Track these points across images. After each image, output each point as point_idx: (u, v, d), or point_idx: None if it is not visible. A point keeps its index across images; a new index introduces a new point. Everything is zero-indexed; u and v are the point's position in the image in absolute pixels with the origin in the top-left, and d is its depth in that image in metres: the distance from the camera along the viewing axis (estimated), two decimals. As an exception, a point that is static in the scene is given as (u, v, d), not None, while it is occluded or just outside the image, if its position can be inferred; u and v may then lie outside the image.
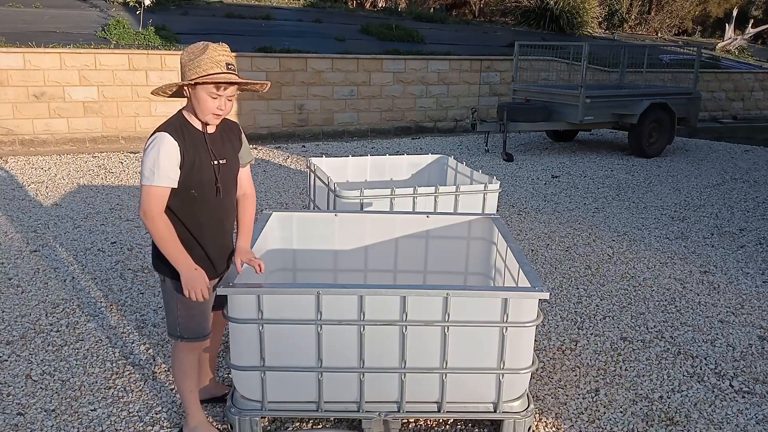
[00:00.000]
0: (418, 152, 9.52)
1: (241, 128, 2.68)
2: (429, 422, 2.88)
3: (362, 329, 2.53)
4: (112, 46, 9.83)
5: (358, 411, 2.65)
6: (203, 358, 2.85)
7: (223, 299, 2.57)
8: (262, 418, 2.73)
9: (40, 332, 3.67)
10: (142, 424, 2.85)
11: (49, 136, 9.15)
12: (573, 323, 3.96)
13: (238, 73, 2.35)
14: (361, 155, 7.74)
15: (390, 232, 3.47)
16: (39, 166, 8.01)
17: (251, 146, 9.81)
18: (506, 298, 2.50)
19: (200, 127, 2.41)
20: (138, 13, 11.34)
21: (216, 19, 12.85)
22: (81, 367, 3.30)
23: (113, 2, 12.64)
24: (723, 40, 19.12)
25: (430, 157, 5.38)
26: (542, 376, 3.32)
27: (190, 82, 2.28)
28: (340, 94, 11.05)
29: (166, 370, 3.30)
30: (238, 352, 2.59)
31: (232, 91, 2.34)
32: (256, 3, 15.88)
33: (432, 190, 4.23)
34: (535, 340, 3.57)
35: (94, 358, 3.40)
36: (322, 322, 2.52)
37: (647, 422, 2.95)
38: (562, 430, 2.89)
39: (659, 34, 22.17)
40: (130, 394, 3.08)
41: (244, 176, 2.66)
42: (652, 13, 23.07)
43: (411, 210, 4.21)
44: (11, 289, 4.25)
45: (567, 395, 3.16)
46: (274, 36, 12.01)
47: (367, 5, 20.32)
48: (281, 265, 3.48)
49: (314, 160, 4.97)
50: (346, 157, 5.20)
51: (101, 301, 4.10)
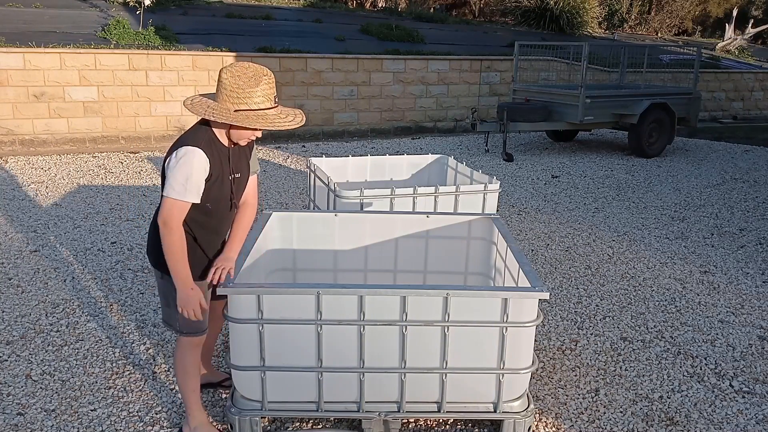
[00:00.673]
0: (418, 152, 9.53)
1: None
2: (429, 422, 2.88)
3: (362, 329, 2.53)
4: (112, 46, 9.83)
5: (358, 411, 2.65)
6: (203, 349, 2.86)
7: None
8: (262, 418, 2.73)
9: (40, 332, 3.67)
10: (142, 424, 2.85)
11: (49, 136, 9.15)
12: (573, 323, 3.96)
13: (278, 105, 2.39)
14: (361, 155, 7.74)
15: (390, 232, 3.47)
16: (39, 166, 8.01)
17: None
18: (506, 298, 2.50)
19: (227, 143, 2.45)
20: (138, 13, 11.34)
21: (216, 19, 12.85)
22: (81, 367, 3.30)
23: (113, 2, 12.64)
24: (723, 40, 19.11)
25: (430, 157, 5.38)
26: (542, 376, 3.32)
27: (246, 124, 2.27)
28: (340, 94, 11.05)
29: (166, 370, 3.30)
30: (238, 352, 2.59)
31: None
32: (256, 3, 15.88)
33: (432, 190, 4.23)
34: (535, 340, 3.57)
35: (94, 358, 3.40)
36: (322, 322, 2.52)
37: (647, 422, 2.95)
38: (562, 430, 2.89)
39: (659, 34, 22.18)
40: (130, 394, 3.08)
41: (250, 186, 2.69)
42: (652, 13, 23.08)
43: (411, 210, 4.21)
44: (11, 289, 4.25)
45: (567, 395, 3.16)
46: (274, 36, 12.01)
47: (367, 5, 20.32)
48: (281, 265, 3.48)
49: (314, 160, 4.97)
50: (346, 157, 5.20)
51: (101, 301, 4.10)
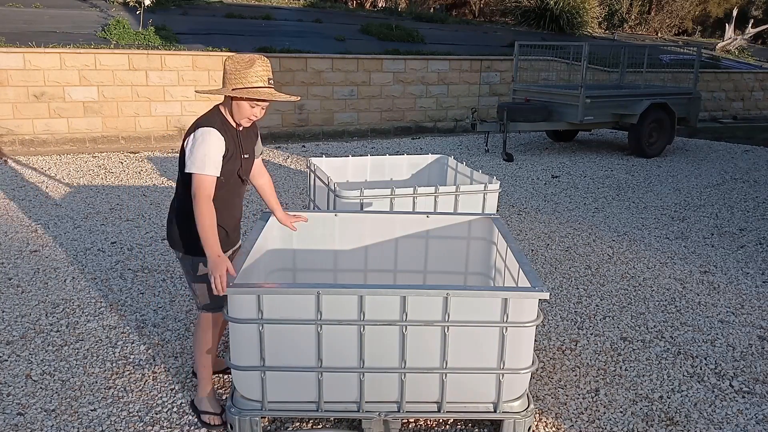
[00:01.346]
0: (418, 152, 9.53)
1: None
2: (429, 422, 2.88)
3: (362, 329, 2.53)
4: (112, 46, 9.83)
5: (358, 411, 2.65)
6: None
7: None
8: (262, 418, 2.73)
9: (40, 332, 3.67)
10: (142, 424, 2.85)
11: (49, 136, 9.15)
12: (573, 323, 3.96)
13: (275, 87, 2.67)
14: (361, 155, 7.74)
15: (390, 232, 3.47)
16: (39, 166, 8.01)
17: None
18: (506, 298, 2.50)
19: (234, 125, 2.71)
20: (138, 13, 11.34)
21: (216, 19, 12.85)
22: (81, 367, 3.30)
23: (113, 2, 12.64)
24: (723, 40, 19.11)
25: (430, 157, 5.38)
26: (542, 376, 3.32)
27: (241, 96, 2.56)
28: (340, 94, 11.05)
29: (166, 370, 3.31)
30: (238, 352, 2.59)
31: (267, 102, 2.65)
32: (256, 3, 15.88)
33: (432, 190, 4.23)
34: (535, 340, 3.57)
35: (94, 358, 3.40)
36: (322, 322, 2.52)
37: (647, 422, 2.95)
38: (562, 430, 2.89)
39: (659, 34, 22.18)
40: (130, 394, 3.08)
41: (259, 164, 3.07)
42: (652, 13, 23.08)
43: (411, 210, 4.21)
44: (11, 289, 4.25)
45: (567, 395, 3.16)
46: (274, 36, 12.01)
47: (367, 5, 20.32)
48: (281, 265, 3.48)
49: (314, 160, 4.97)
50: (346, 157, 5.20)
51: (101, 301, 4.10)
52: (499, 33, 15.86)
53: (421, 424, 2.87)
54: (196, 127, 2.60)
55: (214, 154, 2.56)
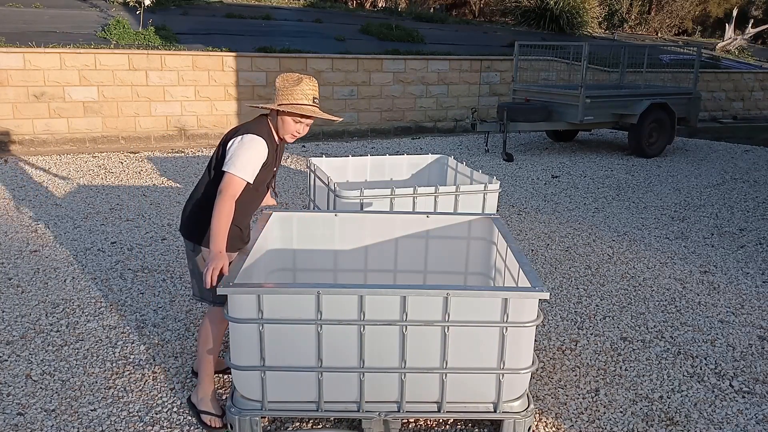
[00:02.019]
0: (418, 152, 9.53)
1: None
2: (429, 422, 2.88)
3: (362, 329, 2.53)
4: (112, 46, 9.83)
5: (358, 411, 2.65)
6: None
7: None
8: (262, 418, 2.73)
9: (40, 332, 3.67)
10: (142, 424, 2.85)
11: (49, 136, 9.16)
12: (573, 323, 3.96)
13: (319, 106, 2.80)
14: (361, 155, 7.74)
15: (390, 232, 3.47)
16: (39, 166, 8.01)
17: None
18: (506, 298, 2.50)
19: (277, 139, 2.84)
20: (138, 13, 11.34)
21: (216, 19, 12.85)
22: (81, 367, 3.30)
23: (113, 2, 12.64)
24: (723, 40, 19.12)
25: (430, 157, 5.38)
26: (542, 376, 3.32)
27: (287, 110, 2.70)
28: (340, 94, 11.05)
29: (166, 370, 3.31)
30: (238, 352, 2.59)
31: (311, 120, 2.78)
32: (256, 3, 15.89)
33: (432, 190, 4.23)
34: (535, 340, 3.57)
35: (94, 358, 3.40)
36: (322, 322, 2.52)
37: (647, 422, 2.95)
38: (562, 430, 2.89)
39: (659, 34, 22.18)
40: (130, 394, 3.08)
41: None
42: (652, 13, 23.08)
43: (411, 210, 4.21)
44: (11, 289, 4.25)
45: (567, 395, 3.16)
46: (274, 36, 12.01)
47: (367, 5, 20.32)
48: (281, 265, 3.48)
49: (314, 160, 4.98)
50: (346, 157, 5.21)
51: (101, 301, 4.10)
52: (499, 33, 15.87)
53: (421, 424, 2.87)
54: (245, 132, 2.71)
55: (255, 161, 2.68)
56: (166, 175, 7.69)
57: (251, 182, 2.69)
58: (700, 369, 3.44)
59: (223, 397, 3.06)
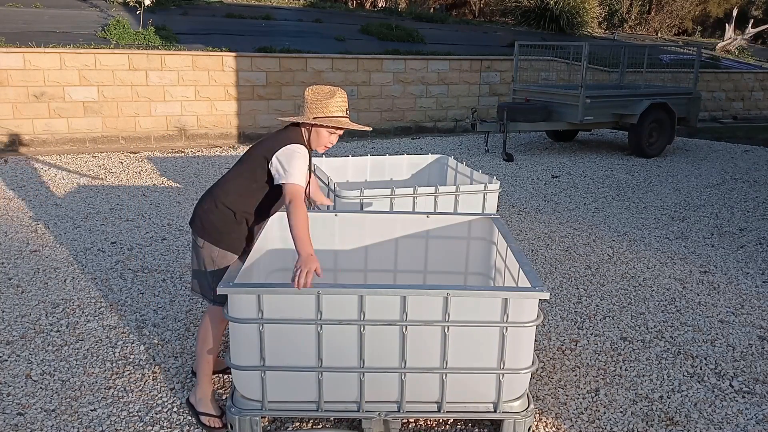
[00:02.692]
0: (418, 152, 9.53)
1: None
2: (429, 422, 2.88)
3: (362, 329, 2.53)
4: (112, 46, 9.83)
5: (358, 411, 2.65)
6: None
7: None
8: (262, 418, 2.73)
9: (40, 332, 3.67)
10: (142, 424, 2.85)
11: (49, 136, 9.16)
12: (573, 323, 3.96)
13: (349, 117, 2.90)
14: (361, 155, 7.74)
15: (390, 232, 3.47)
16: (39, 166, 8.01)
17: (251, 146, 9.82)
18: (506, 298, 2.50)
19: (309, 150, 2.89)
20: (138, 13, 11.34)
21: (216, 19, 12.85)
22: (81, 367, 3.30)
23: (113, 2, 12.64)
24: (723, 40, 19.12)
25: (430, 157, 5.38)
26: (542, 376, 3.32)
27: (324, 124, 2.79)
28: (340, 94, 11.04)
29: (166, 369, 3.31)
30: (238, 352, 2.59)
31: (342, 131, 2.87)
32: (256, 3, 15.89)
33: (432, 190, 4.23)
34: (535, 340, 3.57)
35: (94, 358, 3.40)
36: (323, 322, 2.52)
37: (647, 422, 2.95)
38: (562, 430, 2.89)
39: (659, 34, 22.18)
40: (130, 394, 3.08)
41: None
42: (652, 13, 23.08)
43: (411, 210, 4.21)
44: (11, 289, 4.25)
45: (567, 395, 3.16)
46: (274, 36, 12.01)
47: (367, 5, 20.32)
48: (281, 265, 3.48)
49: (314, 160, 4.98)
50: (346, 157, 5.21)
51: (101, 301, 4.10)
52: (499, 33, 15.87)
53: (421, 424, 2.87)
54: (288, 142, 2.78)
55: (303, 169, 2.76)
56: (166, 175, 7.69)
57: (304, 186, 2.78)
58: (700, 369, 3.44)
59: (223, 397, 3.06)
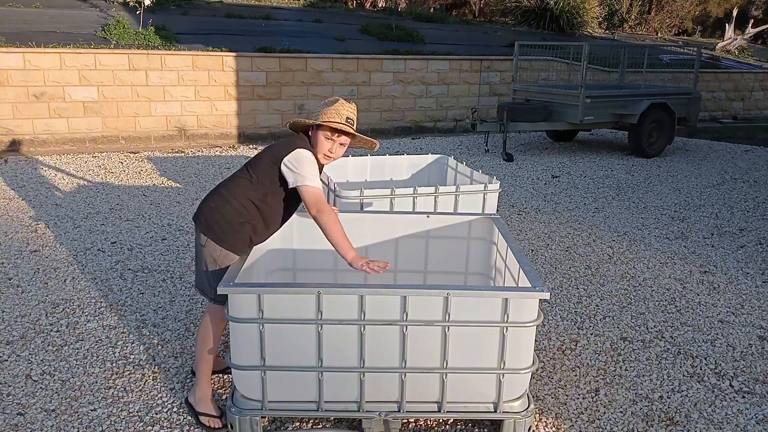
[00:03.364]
0: (418, 152, 9.53)
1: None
2: (429, 422, 2.88)
3: (362, 329, 2.53)
4: (112, 46, 9.83)
5: (359, 411, 2.65)
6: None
7: None
8: (262, 417, 2.73)
9: (40, 332, 3.67)
10: (142, 424, 2.85)
11: (49, 136, 9.16)
12: (573, 323, 3.96)
13: (355, 129, 2.83)
14: (361, 155, 7.73)
15: (390, 232, 3.47)
16: (39, 166, 8.01)
17: (251, 146, 9.82)
18: (506, 298, 2.50)
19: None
20: (138, 13, 11.34)
21: (216, 19, 12.85)
22: (81, 367, 3.30)
23: (113, 2, 12.64)
24: (723, 40, 19.12)
25: (430, 157, 5.38)
26: (542, 376, 3.32)
27: (325, 123, 2.76)
28: (340, 94, 11.04)
29: (166, 369, 3.31)
30: (238, 352, 2.59)
31: (344, 141, 2.81)
32: (256, 3, 15.89)
33: (432, 190, 4.23)
34: (535, 340, 3.57)
35: (94, 358, 3.40)
36: (323, 322, 2.52)
37: (647, 422, 2.95)
38: (562, 430, 2.89)
39: (659, 34, 22.18)
40: (130, 394, 3.08)
41: None
42: (652, 13, 23.08)
43: (411, 210, 4.21)
44: (11, 289, 4.25)
45: (567, 395, 3.16)
46: (274, 36, 12.02)
47: (367, 5, 20.33)
48: (281, 265, 3.48)
49: (314, 160, 4.96)
50: (346, 157, 5.21)
51: (101, 301, 4.10)
52: (499, 33, 15.87)
53: (421, 424, 2.87)
54: (294, 147, 2.76)
55: (316, 172, 2.76)
56: (166, 175, 7.69)
57: (320, 187, 2.75)
58: (700, 369, 3.44)
59: (223, 397, 3.06)
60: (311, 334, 2.54)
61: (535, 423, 2.92)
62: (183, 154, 9.11)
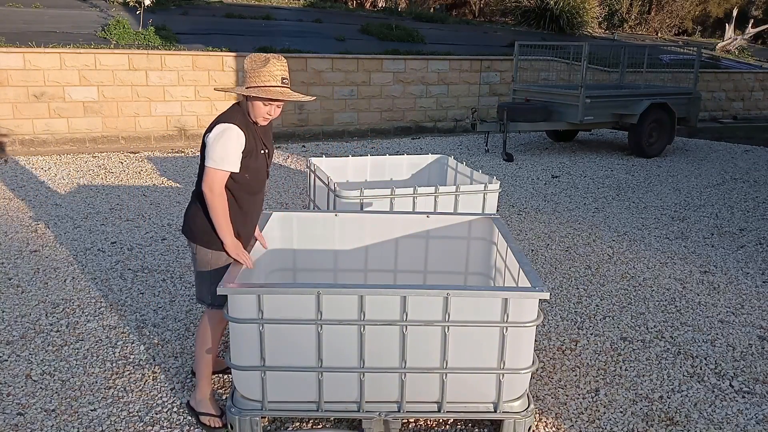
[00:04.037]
0: (418, 152, 9.53)
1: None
2: (429, 422, 2.88)
3: (362, 329, 2.53)
4: (112, 46, 9.83)
5: (359, 411, 2.65)
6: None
7: None
8: (262, 418, 2.73)
9: (40, 332, 3.67)
10: (142, 424, 2.85)
11: (49, 136, 9.15)
12: (573, 323, 3.96)
13: (290, 86, 2.70)
14: (361, 155, 7.74)
15: (390, 232, 3.47)
16: (39, 166, 8.01)
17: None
18: (506, 298, 2.50)
19: (254, 122, 2.76)
20: (138, 13, 11.34)
21: (216, 19, 12.85)
22: (81, 367, 3.30)
23: (113, 2, 12.64)
24: (723, 40, 19.12)
25: (430, 157, 5.38)
26: (542, 376, 3.32)
27: (252, 94, 2.62)
28: (340, 94, 11.05)
29: (166, 370, 3.31)
30: (238, 352, 2.59)
31: (282, 101, 2.69)
32: (256, 3, 15.88)
33: (432, 190, 4.23)
34: (535, 340, 3.57)
35: (94, 358, 3.40)
36: (323, 322, 2.52)
37: (647, 422, 2.95)
38: (562, 430, 2.89)
39: (659, 34, 22.18)
40: (130, 394, 3.08)
41: None
42: (652, 13, 23.07)
43: (411, 210, 4.21)
44: (11, 289, 4.25)
45: (567, 395, 3.16)
46: (274, 36, 12.01)
47: (367, 5, 20.32)
48: (281, 265, 3.48)
49: (314, 160, 4.97)
50: (346, 157, 5.21)
51: (101, 301, 4.10)
52: (499, 33, 15.87)
53: (421, 424, 2.87)
54: (217, 122, 2.66)
55: (233, 150, 2.63)
56: (166, 175, 7.69)
57: (234, 170, 2.64)
58: (700, 369, 3.44)
59: (223, 397, 3.06)
60: (311, 334, 2.54)
61: (535, 423, 2.92)
62: (183, 154, 9.11)
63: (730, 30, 19.04)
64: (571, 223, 6.12)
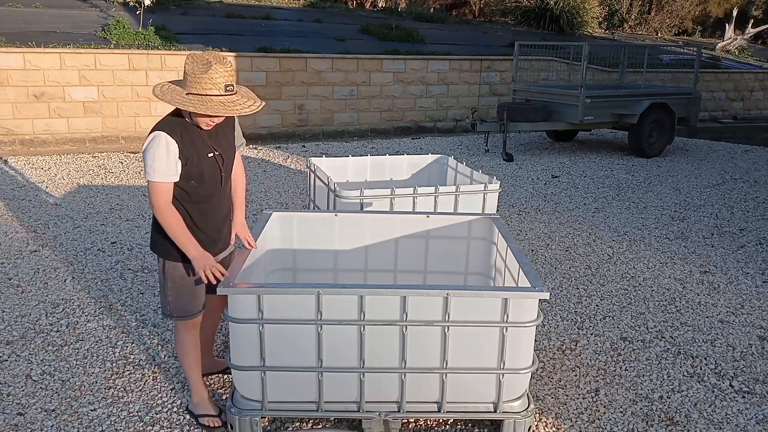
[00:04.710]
0: (418, 152, 9.52)
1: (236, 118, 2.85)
2: (429, 422, 2.88)
3: (362, 329, 2.53)
4: (112, 46, 9.83)
5: (358, 411, 2.65)
6: (200, 340, 2.96)
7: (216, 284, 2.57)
8: (262, 418, 2.73)
9: (40, 332, 3.67)
10: (142, 424, 2.85)
11: (49, 136, 9.16)
12: (573, 323, 3.96)
13: (235, 93, 2.45)
14: (361, 155, 7.74)
15: (390, 232, 3.47)
16: (39, 166, 8.01)
17: (251, 146, 9.81)
18: (506, 298, 2.50)
19: (201, 126, 2.56)
20: (138, 13, 11.34)
21: (216, 19, 12.85)
22: (81, 367, 3.30)
23: (113, 2, 12.64)
24: (723, 40, 19.11)
25: (430, 157, 5.38)
26: (542, 376, 3.32)
27: (184, 107, 2.40)
28: (340, 94, 11.05)
29: (166, 370, 3.31)
30: (238, 352, 2.59)
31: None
32: (256, 3, 15.88)
33: (432, 190, 4.23)
34: (535, 340, 3.57)
35: (94, 358, 3.40)
36: (323, 322, 2.52)
37: (647, 422, 2.95)
38: (562, 430, 2.89)
39: (659, 34, 22.17)
40: (130, 394, 3.08)
41: (236, 159, 2.88)
42: (652, 13, 23.07)
43: (411, 210, 4.21)
44: (11, 289, 4.25)
45: (567, 395, 3.16)
46: (274, 36, 12.01)
47: (367, 5, 20.32)
48: (281, 265, 3.48)
49: (314, 160, 4.97)
50: (346, 157, 5.20)
51: (101, 301, 4.10)
52: (499, 33, 15.86)
53: (421, 424, 2.87)
54: (154, 128, 2.48)
55: (163, 160, 2.43)
56: (166, 175, 7.68)
57: (171, 180, 2.47)
58: (700, 369, 3.44)
59: (223, 397, 3.06)
60: (311, 334, 2.53)
61: (535, 423, 2.92)
62: (183, 154, 9.10)
63: (730, 30, 19.04)
64: (571, 223, 6.12)
